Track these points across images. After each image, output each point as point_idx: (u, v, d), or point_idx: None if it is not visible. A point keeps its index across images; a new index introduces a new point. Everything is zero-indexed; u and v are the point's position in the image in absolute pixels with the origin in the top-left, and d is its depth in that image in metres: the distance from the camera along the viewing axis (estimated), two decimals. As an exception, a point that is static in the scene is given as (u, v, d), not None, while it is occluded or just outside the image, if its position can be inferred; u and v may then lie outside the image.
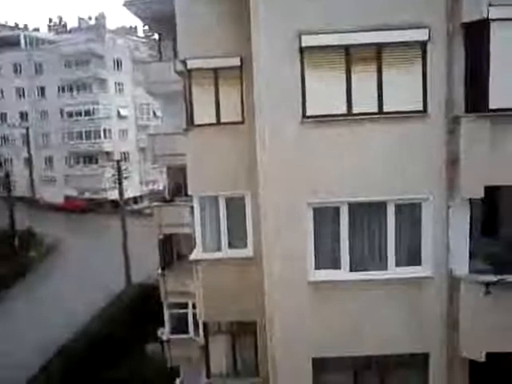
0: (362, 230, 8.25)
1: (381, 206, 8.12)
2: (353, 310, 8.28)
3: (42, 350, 21.68)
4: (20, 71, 59.08)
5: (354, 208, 8.15)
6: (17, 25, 74.93)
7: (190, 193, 9.75)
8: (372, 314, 8.26)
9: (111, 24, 72.85)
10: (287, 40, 7.84)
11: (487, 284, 7.73)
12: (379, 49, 7.81)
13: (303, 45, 7.80)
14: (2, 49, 58.74)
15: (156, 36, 20.46)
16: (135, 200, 54.17)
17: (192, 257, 10.07)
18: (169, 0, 11.17)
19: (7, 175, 41.15)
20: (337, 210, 8.18)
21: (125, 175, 34.42)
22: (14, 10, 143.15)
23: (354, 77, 7.89)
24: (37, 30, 71.14)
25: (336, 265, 8.30)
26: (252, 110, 8.55)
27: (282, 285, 8.32)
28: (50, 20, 76.07)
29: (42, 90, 58.02)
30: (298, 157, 8.06)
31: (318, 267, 8.31)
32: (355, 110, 7.94)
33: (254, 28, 8.03)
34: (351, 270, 8.25)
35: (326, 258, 8.34)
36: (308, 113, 8.00)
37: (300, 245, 8.19)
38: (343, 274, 8.26)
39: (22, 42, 60.95)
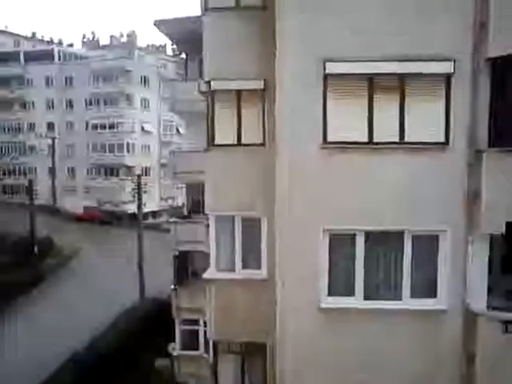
0: (378, 258, 8.15)
1: (398, 236, 8.03)
2: (365, 339, 8.11)
3: (52, 359, 21.71)
4: (51, 84, 60.94)
5: (371, 236, 8.07)
6: (52, 39, 77.86)
7: (206, 211, 9.81)
8: (384, 345, 8.08)
9: (141, 41, 74.93)
10: (311, 65, 7.92)
11: (506, 322, 7.52)
12: (403, 79, 7.84)
13: (327, 71, 7.88)
14: (37, 62, 60.88)
15: (183, 55, 20.98)
16: (154, 215, 54.60)
17: (205, 276, 10.06)
18: (196, 21, 11.49)
19: (30, 183, 41.99)
20: (353, 238, 8.11)
21: (144, 190, 34.83)
22: (50, 26, 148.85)
23: (376, 105, 7.91)
24: (71, 45, 73.69)
25: (349, 292, 8.19)
26: (273, 132, 8.63)
27: (293, 309, 8.24)
28: (84, 36, 78.76)
29: (71, 102, 59.67)
30: (317, 182, 8.06)
31: (330, 294, 8.22)
32: (376, 139, 7.94)
33: (278, 52, 8.17)
34: (365, 299, 8.14)
35: (340, 284, 8.24)
36: (329, 139, 8.02)
37: (314, 270, 8.12)
38: (356, 301, 8.15)
39: (56, 56, 63.04)
